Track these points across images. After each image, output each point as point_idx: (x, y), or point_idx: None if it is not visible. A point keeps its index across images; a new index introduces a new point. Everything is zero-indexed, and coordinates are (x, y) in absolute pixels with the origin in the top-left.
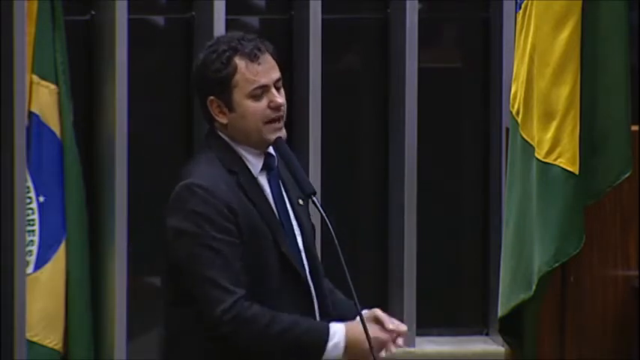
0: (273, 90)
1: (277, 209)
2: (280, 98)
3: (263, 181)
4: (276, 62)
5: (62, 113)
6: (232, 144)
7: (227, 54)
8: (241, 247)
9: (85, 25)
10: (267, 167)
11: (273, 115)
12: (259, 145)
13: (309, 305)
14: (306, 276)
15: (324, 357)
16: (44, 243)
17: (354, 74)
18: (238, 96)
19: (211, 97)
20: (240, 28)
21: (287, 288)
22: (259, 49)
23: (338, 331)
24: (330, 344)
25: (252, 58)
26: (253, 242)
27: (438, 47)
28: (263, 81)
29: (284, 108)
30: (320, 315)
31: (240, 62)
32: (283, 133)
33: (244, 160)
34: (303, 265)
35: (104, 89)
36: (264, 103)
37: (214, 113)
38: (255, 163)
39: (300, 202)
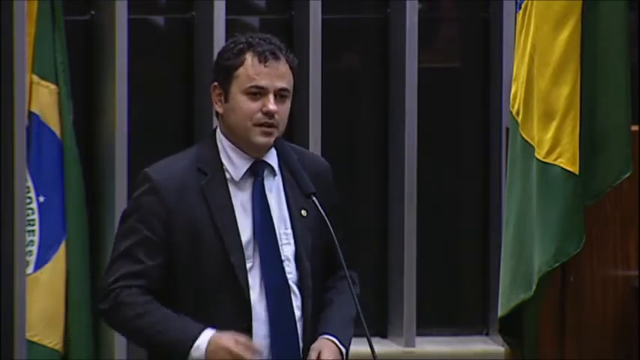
0: (271, 96)
1: (254, 217)
2: (274, 106)
3: (245, 186)
4: (293, 74)
5: (62, 113)
6: (223, 142)
7: (241, 46)
8: (160, 245)
9: (85, 25)
10: (253, 173)
11: (264, 119)
12: (246, 146)
13: (247, 317)
14: (248, 288)
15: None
16: (44, 243)
17: (354, 74)
18: (235, 89)
19: (215, 83)
20: (241, 28)
21: (226, 296)
22: (274, 54)
23: (202, 340)
24: (195, 347)
25: (262, 58)
26: (193, 246)
27: (438, 47)
28: (262, 83)
29: (278, 117)
30: (303, 326)
31: (248, 58)
32: (270, 140)
33: (228, 161)
34: (283, 276)
35: (104, 89)
36: (257, 105)
37: (214, 100)
38: (239, 166)
39: (304, 212)
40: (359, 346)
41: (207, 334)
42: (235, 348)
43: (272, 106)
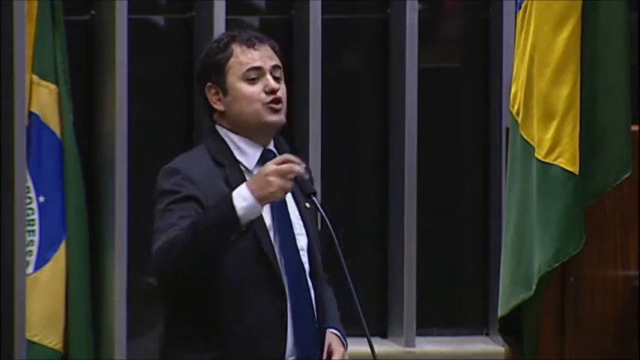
0: (269, 75)
1: (272, 207)
2: (275, 83)
3: None
4: (279, 59)
5: (62, 113)
6: (230, 136)
7: (225, 40)
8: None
9: (85, 25)
10: (264, 162)
11: (269, 98)
12: (257, 131)
13: (282, 304)
14: (281, 275)
15: (241, 215)
16: (44, 243)
17: (354, 74)
18: (232, 79)
19: (209, 84)
20: (240, 29)
21: (260, 282)
22: (258, 39)
23: (240, 187)
24: (236, 199)
25: (249, 44)
26: None
27: (438, 47)
28: (257, 63)
29: (281, 95)
30: (317, 319)
31: (236, 47)
32: (281, 118)
33: (239, 152)
34: (300, 264)
35: (104, 89)
36: (259, 87)
37: (212, 101)
38: (251, 155)
39: (307, 205)
40: (359, 346)
41: (242, 185)
42: (278, 165)
43: (274, 83)
